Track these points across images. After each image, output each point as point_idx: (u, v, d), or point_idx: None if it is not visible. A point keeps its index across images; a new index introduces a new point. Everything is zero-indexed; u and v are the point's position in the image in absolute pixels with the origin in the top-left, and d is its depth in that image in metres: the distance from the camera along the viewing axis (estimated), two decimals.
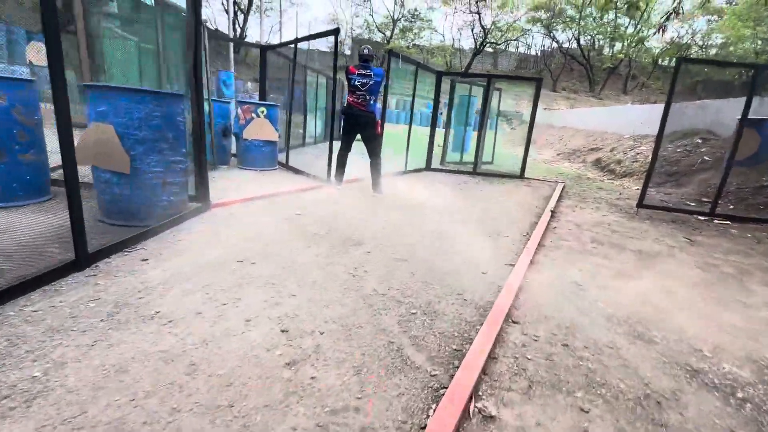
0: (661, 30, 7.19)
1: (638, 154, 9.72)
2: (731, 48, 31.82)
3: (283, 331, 1.63)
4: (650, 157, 8.96)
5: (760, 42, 27.29)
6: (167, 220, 2.65)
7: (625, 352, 1.74)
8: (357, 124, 4.42)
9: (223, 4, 29.41)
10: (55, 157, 3.27)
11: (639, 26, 33.00)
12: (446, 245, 2.95)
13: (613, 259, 3.03)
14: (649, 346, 1.81)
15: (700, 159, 7.86)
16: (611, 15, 34.11)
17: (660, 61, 38.26)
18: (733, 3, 30.77)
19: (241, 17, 30.38)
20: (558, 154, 13.83)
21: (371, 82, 4.33)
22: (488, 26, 36.10)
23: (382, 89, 4.93)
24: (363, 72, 4.33)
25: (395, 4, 36.95)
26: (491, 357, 1.59)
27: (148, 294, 1.80)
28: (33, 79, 2.73)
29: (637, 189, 7.18)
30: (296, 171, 5.34)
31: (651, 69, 38.14)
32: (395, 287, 2.14)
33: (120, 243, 2.20)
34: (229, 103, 5.28)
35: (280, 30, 31.84)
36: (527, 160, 7.11)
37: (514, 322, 1.90)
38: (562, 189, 6.13)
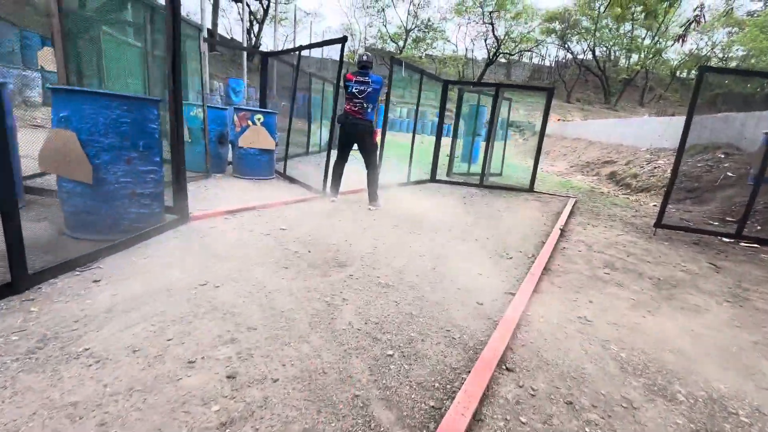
0: (681, 40, 6.85)
1: (656, 168, 9.30)
2: (753, 60, 30.99)
3: (229, 377, 1.37)
4: (669, 171, 8.55)
5: None
6: (135, 235, 2.44)
7: (642, 413, 1.44)
8: (354, 133, 4.24)
9: (239, 13, 30.02)
10: (31, 164, 3.14)
11: (656, 38, 32.45)
12: (440, 268, 2.67)
13: (629, 288, 2.70)
14: (671, 405, 1.50)
15: (723, 174, 7.42)
16: (628, 26, 33.67)
17: (678, 73, 37.50)
18: (755, 15, 30.05)
19: (256, 27, 30.89)
20: (571, 167, 13.42)
21: (369, 90, 4.14)
22: (501, 37, 35.97)
23: (383, 96, 4.74)
24: (361, 79, 4.15)
25: (408, 14, 37.20)
26: (476, 419, 1.31)
27: (85, 325, 1.58)
28: (3, 81, 2.58)
29: (655, 205, 6.79)
30: (293, 181, 5.14)
31: (669, 81, 37.40)
32: (374, 320, 1.87)
33: (72, 261, 1.99)
34: (226, 109, 5.13)
35: (294, 39, 32.20)
36: (537, 173, 6.80)
37: (508, 369, 1.61)
38: (574, 204, 5.79)
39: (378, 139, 4.38)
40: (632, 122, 12.84)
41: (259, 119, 4.88)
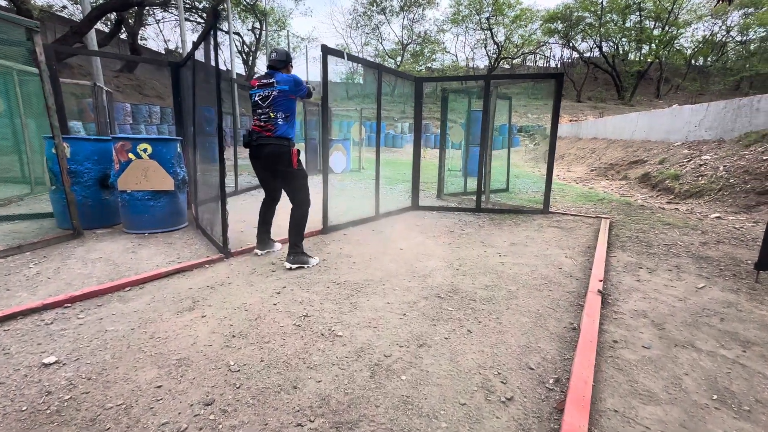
0: None
1: (702, 165, 7.47)
2: None
3: None
4: (723, 169, 6.71)
5: None
6: None
7: None
8: (260, 156, 2.81)
9: (236, 45, 29.86)
10: None
11: (666, 27, 30.50)
12: None
13: None
14: None
15: None
16: (634, 17, 31.84)
17: (694, 61, 35.17)
18: None
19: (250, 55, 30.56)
20: (591, 170, 11.65)
21: (274, 93, 2.72)
22: (502, 42, 34.69)
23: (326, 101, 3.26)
24: (264, 82, 2.77)
25: (403, 29, 36.53)
26: None
27: None
28: None
29: (719, 217, 5.01)
30: (205, 233, 3.66)
31: (685, 70, 35.15)
32: None
33: None
34: (109, 140, 3.75)
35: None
36: (553, 181, 5.13)
37: None
38: (610, 230, 4.09)
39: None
40: (659, 114, 11.03)
41: (144, 150, 3.46)
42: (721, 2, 5.56)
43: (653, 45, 31.15)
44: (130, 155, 3.44)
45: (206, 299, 2.24)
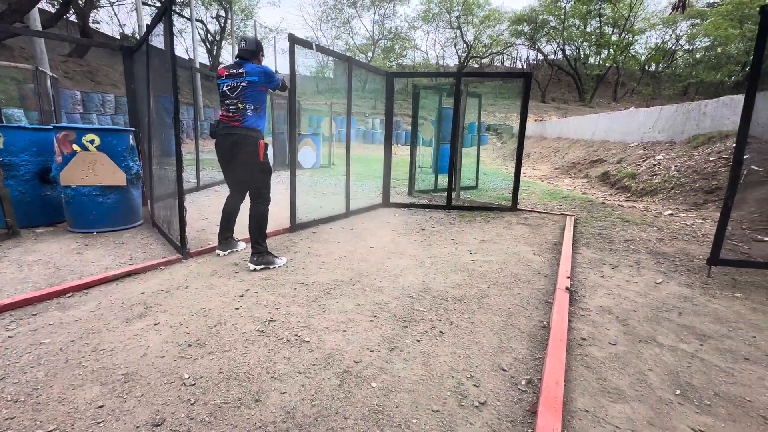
0: (679, 6, 5.50)
1: (656, 165, 7.90)
2: (719, 49, 30.96)
3: None
4: (674, 169, 7.12)
5: (748, 41, 26.41)
6: None
7: None
8: (225, 146, 2.67)
9: (199, 33, 28.45)
10: None
11: (623, 33, 32.15)
12: None
13: None
14: None
15: (747, 169, 6.00)
16: (594, 23, 33.33)
17: (647, 66, 37.36)
18: (715, 4, 29.97)
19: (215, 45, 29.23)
20: (555, 169, 12.07)
21: (243, 84, 2.59)
22: (471, 41, 35.28)
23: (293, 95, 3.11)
24: (233, 71, 2.63)
25: (374, 24, 36.30)
26: None
27: None
28: None
29: (671, 215, 5.30)
30: (161, 231, 3.41)
31: (639, 75, 37.25)
32: None
33: None
34: (49, 130, 3.41)
35: None
36: (521, 180, 5.22)
37: None
38: (575, 227, 4.21)
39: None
40: (617, 116, 11.58)
41: (92, 141, 3.17)
42: (675, 10, 5.85)
43: (611, 50, 32.73)
44: (75, 147, 3.14)
45: (160, 305, 2.06)
